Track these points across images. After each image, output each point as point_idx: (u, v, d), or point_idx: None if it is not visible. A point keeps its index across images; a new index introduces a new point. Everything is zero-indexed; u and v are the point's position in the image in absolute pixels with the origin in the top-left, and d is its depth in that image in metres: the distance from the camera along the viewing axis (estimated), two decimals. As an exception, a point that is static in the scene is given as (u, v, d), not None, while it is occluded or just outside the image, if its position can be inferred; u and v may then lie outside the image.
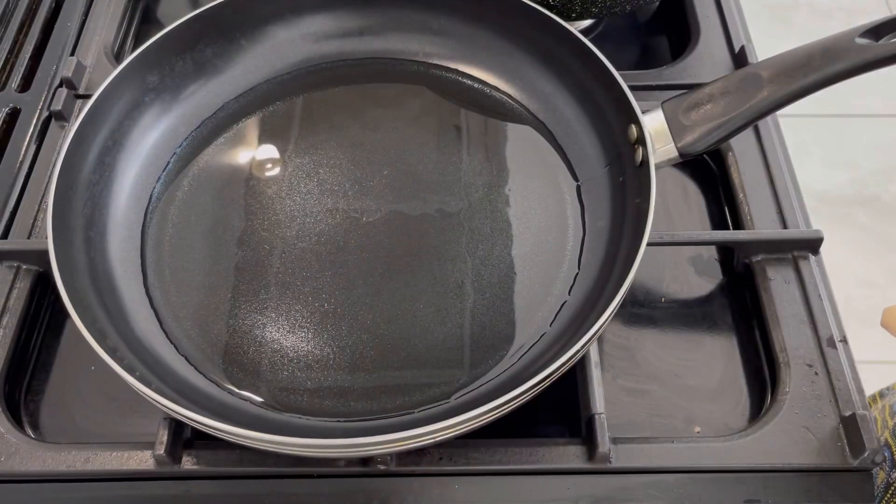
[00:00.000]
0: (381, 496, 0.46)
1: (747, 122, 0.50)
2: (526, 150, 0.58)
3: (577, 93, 0.58)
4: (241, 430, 0.40)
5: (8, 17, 0.72)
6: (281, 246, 0.54)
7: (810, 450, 0.47)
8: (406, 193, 0.56)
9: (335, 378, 0.49)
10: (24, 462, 0.46)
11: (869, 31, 0.46)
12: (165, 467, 0.46)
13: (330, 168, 0.58)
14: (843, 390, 0.49)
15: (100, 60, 0.67)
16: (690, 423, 0.50)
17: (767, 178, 0.58)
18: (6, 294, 0.53)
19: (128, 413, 0.50)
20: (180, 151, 0.58)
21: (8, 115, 0.64)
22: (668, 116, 0.51)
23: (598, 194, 0.55)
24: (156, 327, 0.51)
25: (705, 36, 0.68)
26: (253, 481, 0.47)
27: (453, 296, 0.51)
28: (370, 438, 0.40)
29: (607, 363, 0.52)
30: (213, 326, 0.51)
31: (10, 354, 0.51)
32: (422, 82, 0.62)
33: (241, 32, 0.61)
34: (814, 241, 0.54)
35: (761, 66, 0.50)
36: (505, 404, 0.41)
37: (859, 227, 1.47)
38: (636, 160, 0.51)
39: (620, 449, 0.47)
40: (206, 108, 0.60)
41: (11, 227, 0.57)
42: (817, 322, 0.51)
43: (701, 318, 0.55)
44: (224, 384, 0.48)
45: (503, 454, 0.46)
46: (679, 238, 0.56)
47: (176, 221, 0.55)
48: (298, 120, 0.61)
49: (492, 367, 0.49)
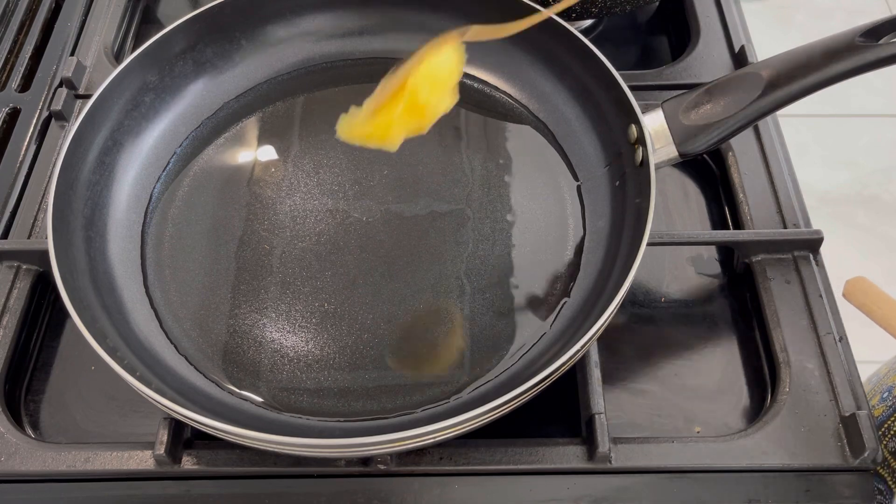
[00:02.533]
0: (381, 496, 0.46)
1: (747, 122, 0.50)
2: (526, 150, 0.58)
3: (577, 93, 0.58)
4: (241, 430, 0.40)
5: (8, 17, 0.72)
6: (281, 246, 0.54)
7: (810, 450, 0.47)
8: (406, 193, 0.56)
9: (335, 378, 0.49)
10: (24, 462, 0.46)
11: (869, 31, 0.46)
12: (165, 467, 0.46)
13: (330, 168, 0.58)
14: (843, 390, 0.49)
15: (100, 60, 0.67)
16: (690, 423, 0.50)
17: (767, 178, 0.58)
18: (6, 294, 0.53)
19: (128, 413, 0.50)
20: (180, 151, 0.58)
21: (8, 115, 0.64)
22: (668, 116, 0.51)
23: (598, 194, 0.55)
24: (156, 327, 0.51)
25: (705, 36, 0.68)
26: (253, 481, 0.47)
27: (453, 296, 0.51)
28: (370, 438, 0.40)
29: (607, 363, 0.52)
30: (213, 326, 0.51)
31: (10, 354, 0.51)
32: (422, 82, 0.62)
33: (241, 32, 0.61)
34: (814, 241, 0.54)
35: (761, 66, 0.50)
36: (505, 404, 0.41)
37: (859, 227, 1.47)
38: (636, 160, 0.51)
39: (620, 449, 0.47)
40: (206, 108, 0.60)
41: (11, 227, 0.57)
42: (817, 322, 0.51)
43: (701, 318, 0.55)
44: (224, 384, 0.48)
45: (503, 454, 0.46)
46: (679, 238, 0.56)
47: (176, 221, 0.55)
48: (298, 120, 0.61)
49: (492, 367, 0.49)
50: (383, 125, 0.43)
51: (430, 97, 0.42)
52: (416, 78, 0.42)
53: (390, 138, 0.43)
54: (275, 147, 0.59)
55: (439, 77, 0.42)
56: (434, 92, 0.42)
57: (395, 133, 0.43)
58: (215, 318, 0.51)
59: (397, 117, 0.43)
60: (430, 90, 0.42)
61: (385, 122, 0.43)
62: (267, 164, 0.58)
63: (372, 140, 0.44)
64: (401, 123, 0.43)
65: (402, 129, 0.43)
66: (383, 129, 0.43)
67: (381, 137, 0.44)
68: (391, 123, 0.43)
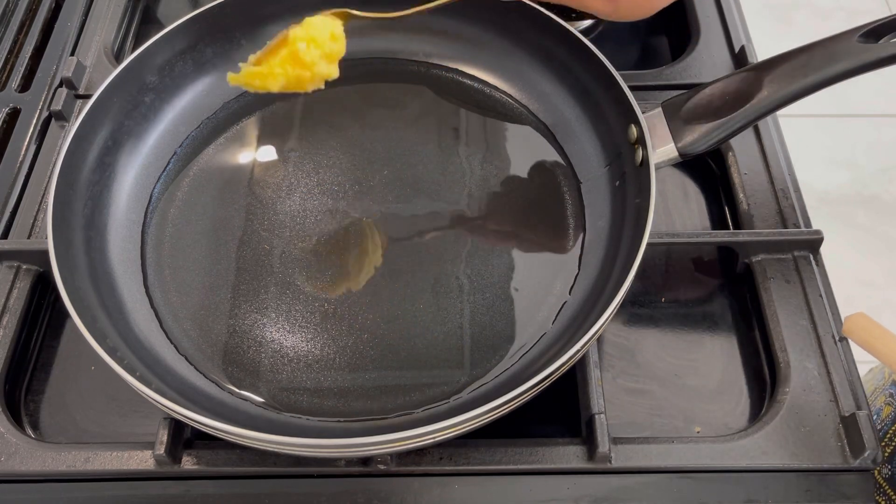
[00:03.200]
0: (381, 496, 0.46)
1: (747, 122, 0.50)
2: (526, 150, 0.58)
3: (577, 93, 0.58)
4: (241, 430, 0.40)
5: (8, 17, 0.72)
6: (281, 246, 0.54)
7: (810, 450, 0.47)
8: (406, 193, 0.56)
9: (335, 378, 0.49)
10: (24, 462, 0.46)
11: (869, 32, 0.46)
12: (165, 467, 0.46)
13: (330, 168, 0.58)
14: (843, 390, 0.49)
15: (100, 60, 0.67)
16: (690, 423, 0.50)
17: (767, 178, 0.58)
18: (6, 294, 0.53)
19: (128, 413, 0.50)
20: (180, 151, 0.58)
21: (8, 115, 0.64)
22: (668, 116, 0.51)
23: (598, 194, 0.55)
24: (156, 327, 0.51)
25: (705, 36, 0.68)
26: (253, 481, 0.47)
27: (453, 296, 0.51)
28: (370, 438, 0.40)
29: (607, 363, 0.52)
30: (213, 326, 0.51)
31: (10, 354, 0.51)
32: (422, 82, 0.62)
33: (241, 32, 0.61)
34: (814, 241, 0.54)
35: (761, 66, 0.50)
36: (505, 404, 0.41)
37: (859, 227, 1.47)
38: (636, 160, 0.52)
39: (620, 449, 0.47)
40: (206, 108, 0.60)
41: (11, 227, 0.57)
42: (817, 322, 0.51)
43: (701, 318, 0.55)
44: (224, 384, 0.48)
45: (503, 454, 0.46)
46: (679, 238, 0.56)
47: (176, 221, 0.55)
48: (298, 120, 0.61)
49: (492, 367, 0.49)
50: (266, 71, 0.48)
51: (308, 52, 0.48)
52: (297, 31, 0.48)
53: (271, 83, 0.48)
54: (275, 147, 0.59)
55: (318, 36, 0.48)
56: (312, 47, 0.48)
57: (276, 80, 0.48)
58: (215, 318, 0.51)
59: (279, 64, 0.48)
60: (308, 44, 0.48)
61: (268, 68, 0.48)
62: (267, 164, 0.58)
63: (255, 84, 0.49)
64: (282, 71, 0.48)
65: (282, 78, 0.48)
66: (265, 74, 0.48)
67: (262, 82, 0.49)
68: (272, 69, 0.48)
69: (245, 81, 0.49)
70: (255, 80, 0.49)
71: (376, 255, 0.54)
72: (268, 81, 0.48)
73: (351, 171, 0.57)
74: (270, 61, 0.48)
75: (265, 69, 0.48)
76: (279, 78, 0.48)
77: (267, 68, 0.48)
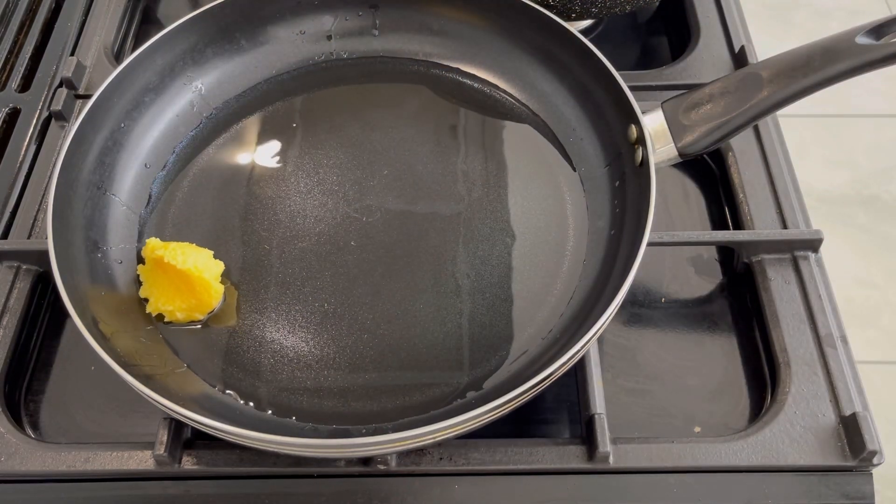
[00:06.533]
0: (381, 496, 0.46)
1: (747, 122, 0.50)
2: (526, 150, 0.58)
3: (577, 93, 0.58)
4: (241, 430, 0.40)
5: (8, 17, 0.72)
6: (281, 246, 0.54)
7: (810, 450, 0.47)
8: (406, 193, 0.56)
9: (335, 378, 0.49)
10: (24, 462, 0.46)
11: (869, 31, 0.46)
12: (165, 467, 0.46)
13: (330, 168, 0.58)
14: (843, 390, 0.49)
15: (100, 60, 0.67)
16: (690, 423, 0.50)
17: (767, 178, 0.58)
18: (6, 294, 0.53)
19: (128, 413, 0.50)
20: (180, 151, 0.58)
21: (8, 115, 0.64)
22: (668, 116, 0.51)
23: (598, 194, 0.55)
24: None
25: (705, 36, 0.68)
26: (253, 481, 0.47)
27: (453, 296, 0.51)
28: (370, 438, 0.40)
29: (607, 363, 0.52)
30: (212, 326, 0.51)
31: (10, 354, 0.51)
32: (422, 82, 0.62)
33: (241, 32, 0.61)
34: (814, 241, 0.54)
35: (761, 66, 0.50)
36: (505, 404, 0.41)
37: (859, 227, 1.47)
38: (636, 160, 0.52)
39: (620, 449, 0.47)
40: (205, 108, 0.60)
41: (11, 227, 0.57)
42: (817, 322, 0.51)
43: (701, 318, 0.55)
44: (224, 384, 0.48)
45: (503, 454, 0.46)
46: (679, 238, 0.56)
47: (176, 221, 0.55)
48: (298, 120, 0.61)
49: (492, 368, 0.49)
50: (163, 300, 0.50)
51: (185, 259, 0.49)
52: (167, 251, 0.49)
53: (173, 310, 0.50)
54: (275, 147, 0.59)
55: (186, 250, 0.50)
56: (186, 256, 0.49)
57: (175, 305, 0.50)
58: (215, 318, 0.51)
59: (169, 291, 0.50)
60: (183, 255, 0.49)
61: (164, 298, 0.50)
62: (267, 164, 0.58)
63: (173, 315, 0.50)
64: (176, 298, 0.49)
65: (180, 302, 0.49)
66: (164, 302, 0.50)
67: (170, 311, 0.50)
68: (167, 298, 0.50)
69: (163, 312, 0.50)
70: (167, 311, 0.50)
71: None
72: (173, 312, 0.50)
73: (351, 171, 0.57)
74: (159, 291, 0.50)
75: (162, 300, 0.49)
76: (179, 304, 0.49)
77: (164, 299, 0.50)
